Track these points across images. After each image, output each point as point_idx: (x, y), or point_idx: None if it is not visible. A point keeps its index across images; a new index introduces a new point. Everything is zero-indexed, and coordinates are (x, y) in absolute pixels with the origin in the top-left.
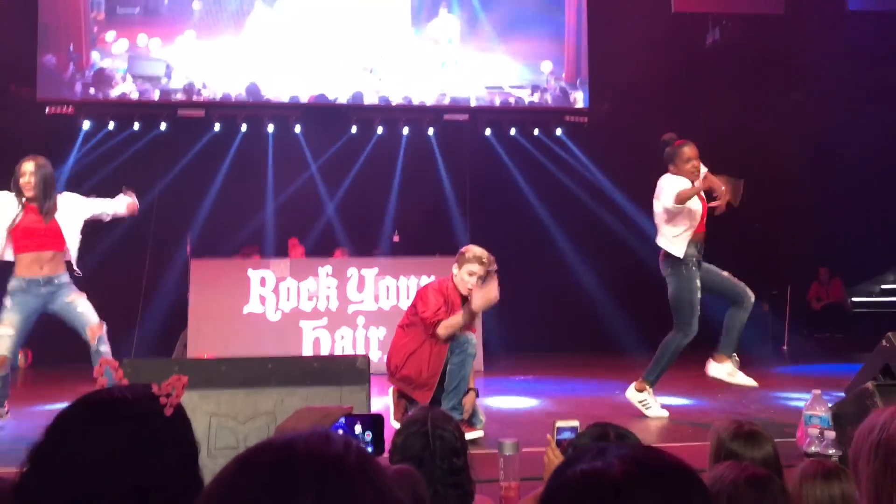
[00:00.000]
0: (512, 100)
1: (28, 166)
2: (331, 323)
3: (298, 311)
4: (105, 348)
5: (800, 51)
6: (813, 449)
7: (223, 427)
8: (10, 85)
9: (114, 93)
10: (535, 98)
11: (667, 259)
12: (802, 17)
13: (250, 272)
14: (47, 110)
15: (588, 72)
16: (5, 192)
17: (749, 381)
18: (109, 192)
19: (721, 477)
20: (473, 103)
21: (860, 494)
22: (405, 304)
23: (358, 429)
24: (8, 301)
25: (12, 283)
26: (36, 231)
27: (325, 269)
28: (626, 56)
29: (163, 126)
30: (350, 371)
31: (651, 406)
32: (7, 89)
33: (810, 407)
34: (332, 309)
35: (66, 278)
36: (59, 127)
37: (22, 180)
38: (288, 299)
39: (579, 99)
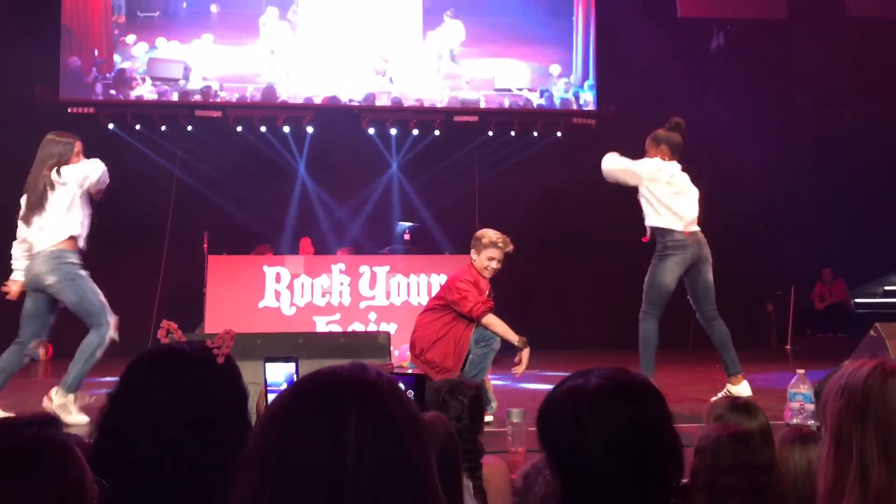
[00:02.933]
0: (521, 102)
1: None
2: (343, 318)
3: (312, 307)
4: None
5: (802, 55)
6: (794, 421)
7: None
8: (34, 86)
9: (133, 94)
10: (544, 101)
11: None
12: (803, 22)
13: (266, 268)
14: (69, 110)
15: (596, 75)
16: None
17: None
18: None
19: (707, 435)
20: (483, 105)
21: (824, 430)
22: (416, 301)
23: (401, 387)
24: (85, 273)
25: (74, 258)
26: None
27: (339, 266)
28: (633, 60)
29: (187, 127)
30: (373, 345)
31: None
32: (32, 90)
33: (794, 385)
34: (346, 304)
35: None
36: (80, 127)
37: None
38: (302, 295)
39: (587, 101)
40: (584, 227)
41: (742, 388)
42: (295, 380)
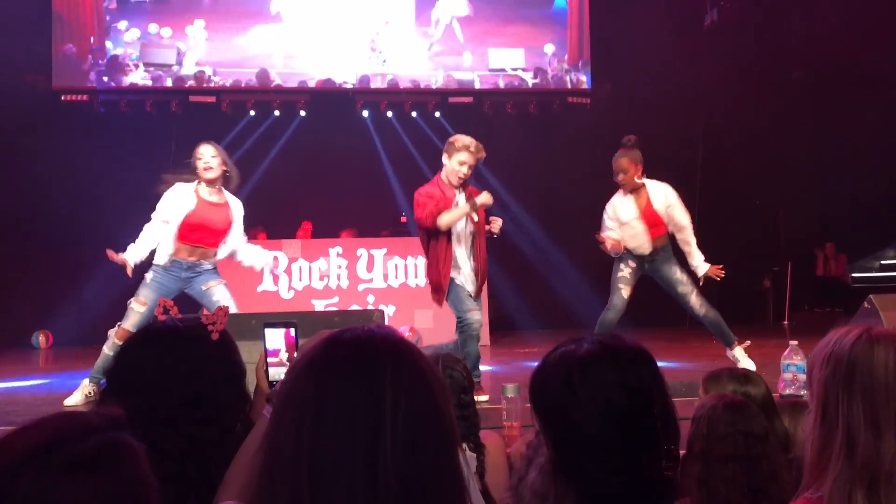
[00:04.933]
0: (516, 82)
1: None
2: (342, 301)
3: (310, 290)
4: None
5: (798, 29)
6: (787, 392)
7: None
8: (25, 75)
9: (127, 80)
10: (539, 80)
11: None
12: None
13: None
14: (63, 98)
15: (590, 54)
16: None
17: (748, 363)
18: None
19: (703, 404)
20: (477, 86)
21: (810, 397)
22: (413, 282)
23: None
24: (149, 276)
25: (161, 259)
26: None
27: (336, 250)
28: (628, 38)
29: (180, 112)
30: (367, 323)
31: None
32: (23, 79)
33: (787, 357)
34: (343, 287)
35: (209, 265)
36: (74, 114)
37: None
38: (300, 279)
39: (582, 80)
40: (580, 206)
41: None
42: (295, 343)
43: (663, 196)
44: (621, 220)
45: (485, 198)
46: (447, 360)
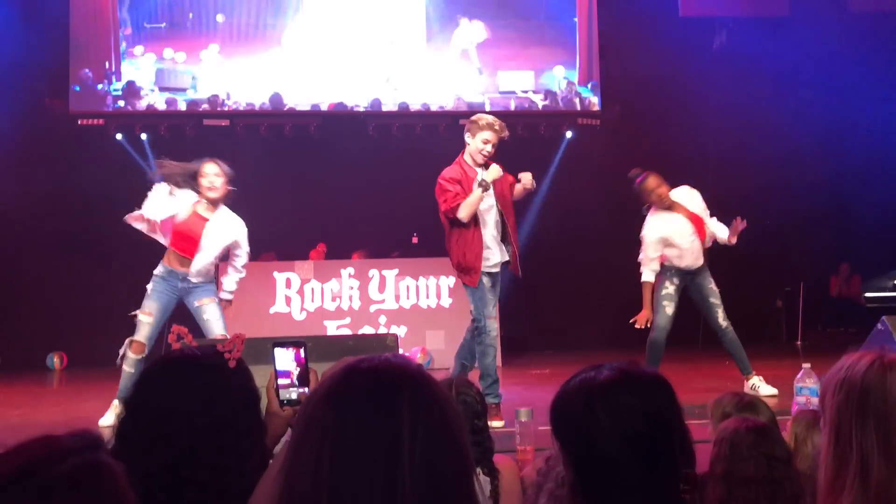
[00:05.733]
0: (526, 104)
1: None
2: (354, 322)
3: (323, 311)
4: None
5: (806, 51)
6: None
7: None
8: (44, 98)
9: (142, 104)
10: (548, 102)
11: None
12: (806, 19)
13: (276, 274)
14: (79, 122)
15: (600, 76)
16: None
17: (769, 391)
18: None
19: (725, 427)
20: (488, 108)
21: (823, 423)
22: (425, 303)
23: None
24: (150, 287)
25: (158, 269)
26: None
27: (348, 271)
28: (637, 60)
29: (194, 136)
30: (381, 347)
31: None
32: (41, 103)
33: (800, 379)
34: (355, 308)
35: (202, 280)
36: (89, 137)
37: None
38: (312, 300)
39: (593, 102)
40: (592, 228)
41: (747, 385)
42: (305, 363)
43: (689, 197)
44: (681, 246)
45: (493, 173)
46: (460, 385)
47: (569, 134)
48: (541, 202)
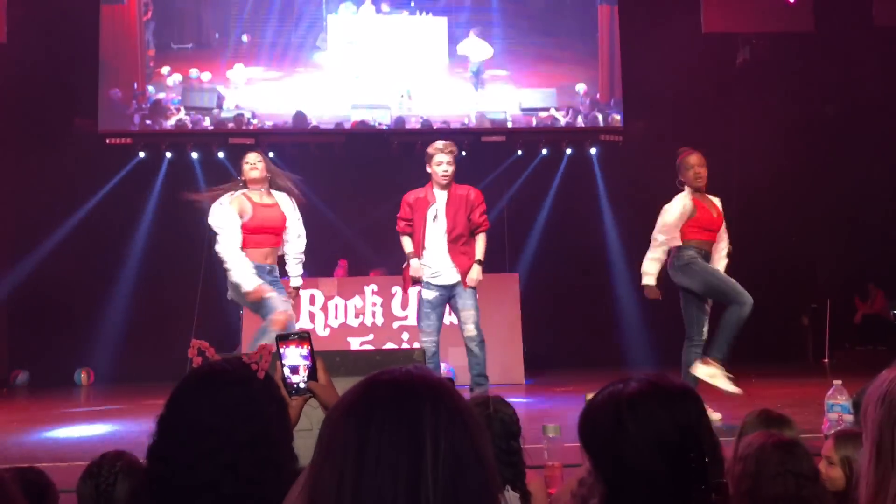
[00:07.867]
0: (548, 121)
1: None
2: (377, 338)
3: (346, 328)
4: (266, 339)
5: (832, 66)
6: (832, 432)
7: None
8: (74, 118)
9: (168, 123)
10: (570, 119)
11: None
12: (832, 33)
13: (300, 291)
14: (107, 141)
15: (622, 92)
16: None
17: (733, 389)
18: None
19: (751, 443)
20: (510, 125)
21: (865, 438)
22: (447, 320)
23: None
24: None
25: (251, 267)
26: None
27: (371, 288)
28: (659, 76)
29: (219, 154)
30: (408, 362)
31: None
32: (71, 123)
33: (831, 396)
34: (378, 325)
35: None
36: (118, 157)
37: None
38: (336, 316)
39: (614, 118)
40: (613, 245)
41: (703, 370)
42: (312, 357)
43: (719, 203)
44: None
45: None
46: (497, 404)
47: (592, 150)
48: (563, 219)
